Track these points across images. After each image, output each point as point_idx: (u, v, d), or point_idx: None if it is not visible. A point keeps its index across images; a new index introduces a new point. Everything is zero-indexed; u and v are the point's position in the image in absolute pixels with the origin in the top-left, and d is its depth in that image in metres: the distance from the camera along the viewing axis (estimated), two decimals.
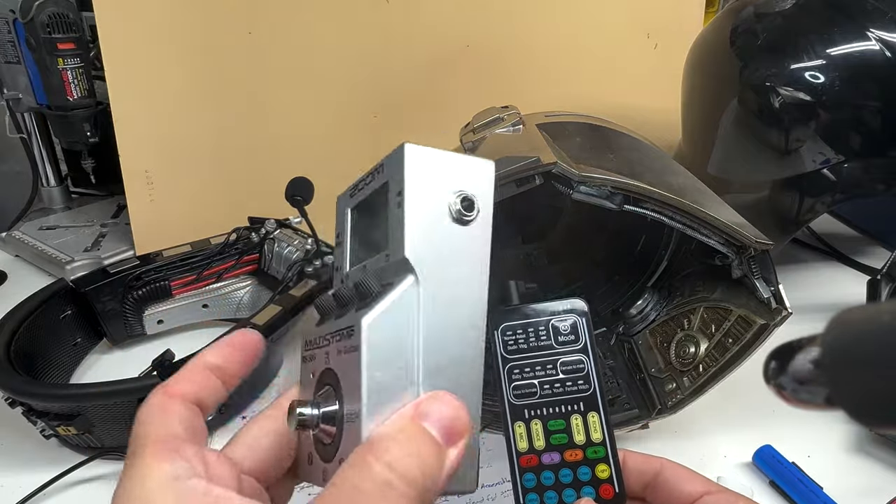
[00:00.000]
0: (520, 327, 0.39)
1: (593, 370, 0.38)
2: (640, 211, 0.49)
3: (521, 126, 0.55)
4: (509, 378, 0.39)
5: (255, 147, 0.85)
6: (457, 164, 0.26)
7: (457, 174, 0.26)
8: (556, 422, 0.37)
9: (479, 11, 0.87)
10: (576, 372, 0.38)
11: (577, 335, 0.39)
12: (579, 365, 0.38)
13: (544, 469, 0.36)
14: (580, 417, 0.37)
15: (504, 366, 0.39)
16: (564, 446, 0.36)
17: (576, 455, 0.36)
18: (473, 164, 0.26)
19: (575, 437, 0.37)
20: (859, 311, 0.24)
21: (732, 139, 0.73)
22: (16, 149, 0.92)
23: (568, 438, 0.37)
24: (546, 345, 0.39)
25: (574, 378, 0.38)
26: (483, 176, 0.26)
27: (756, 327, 0.51)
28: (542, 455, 0.36)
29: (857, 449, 0.55)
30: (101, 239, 0.88)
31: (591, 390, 0.38)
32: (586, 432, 0.37)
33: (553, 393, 0.38)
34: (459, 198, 0.25)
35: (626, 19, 0.93)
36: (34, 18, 0.76)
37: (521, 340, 0.39)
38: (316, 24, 0.82)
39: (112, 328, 0.66)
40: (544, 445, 0.37)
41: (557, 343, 0.39)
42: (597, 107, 0.79)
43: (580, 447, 0.36)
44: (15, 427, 0.54)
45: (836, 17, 0.66)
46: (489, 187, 0.26)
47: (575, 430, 0.37)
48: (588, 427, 0.37)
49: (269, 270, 0.71)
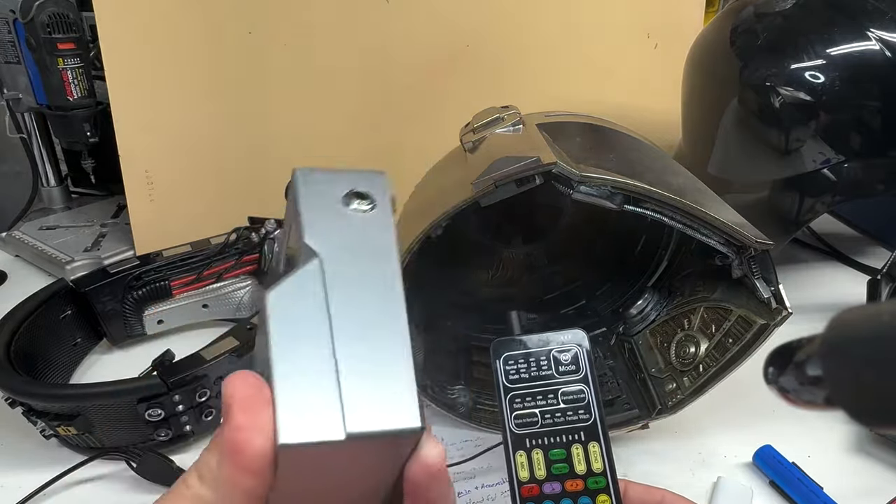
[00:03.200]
0: (521, 357, 0.40)
1: (594, 400, 0.39)
2: (640, 211, 0.49)
3: (521, 126, 0.55)
4: (511, 407, 0.39)
5: (255, 147, 0.85)
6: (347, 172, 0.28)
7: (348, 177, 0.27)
8: (557, 451, 0.37)
9: (479, 11, 0.87)
10: (577, 402, 0.39)
11: (577, 365, 0.40)
12: (580, 395, 0.39)
13: (545, 499, 0.36)
14: (581, 447, 0.37)
15: (506, 395, 0.39)
16: (565, 476, 0.37)
17: (577, 485, 0.36)
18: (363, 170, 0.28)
19: (576, 466, 0.37)
20: (859, 311, 0.24)
21: (732, 139, 0.73)
22: (16, 149, 0.92)
23: (569, 468, 0.37)
24: (547, 374, 0.39)
25: (575, 408, 0.38)
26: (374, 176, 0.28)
27: (756, 327, 0.51)
28: (543, 484, 0.37)
29: (857, 449, 0.55)
30: (101, 239, 0.88)
31: (591, 420, 0.38)
32: (587, 462, 0.37)
33: (554, 422, 0.38)
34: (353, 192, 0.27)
35: (626, 19, 0.93)
36: (34, 18, 0.76)
37: (522, 370, 0.40)
38: (316, 24, 0.82)
39: (112, 328, 0.66)
40: (545, 475, 0.37)
41: (558, 373, 0.39)
42: (597, 107, 0.79)
43: (581, 477, 0.37)
44: (15, 427, 0.54)
45: (836, 17, 0.66)
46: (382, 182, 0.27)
47: (576, 459, 0.37)
48: (589, 457, 0.37)
49: (270, 271, 0.71)
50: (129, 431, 0.52)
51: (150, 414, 0.51)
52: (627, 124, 0.65)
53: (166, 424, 0.52)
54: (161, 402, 0.51)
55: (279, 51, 0.82)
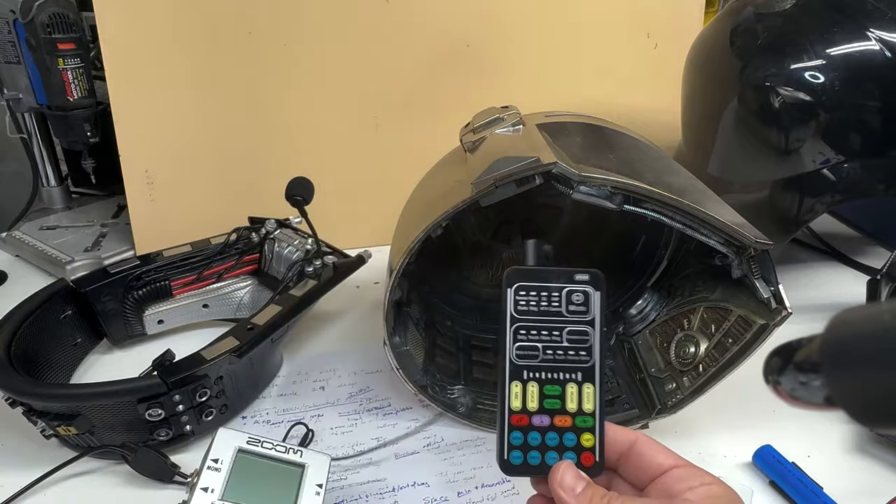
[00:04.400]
0: (533, 289, 0.39)
1: (597, 344, 0.39)
2: (640, 211, 0.49)
3: (521, 126, 0.55)
4: (514, 337, 0.39)
5: (255, 147, 0.85)
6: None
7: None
8: (552, 387, 0.38)
9: (479, 11, 0.87)
10: (580, 343, 0.39)
11: (587, 307, 0.39)
12: (585, 336, 0.39)
13: (533, 430, 0.37)
14: (576, 387, 0.38)
15: (512, 324, 0.39)
16: (556, 411, 0.38)
17: (565, 421, 0.37)
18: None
19: (568, 404, 0.38)
20: (859, 311, 0.24)
21: (732, 139, 0.73)
22: (16, 149, 0.92)
23: (561, 405, 0.38)
24: (556, 311, 0.39)
25: (577, 348, 0.38)
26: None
27: (756, 327, 0.51)
28: (532, 416, 0.38)
29: (857, 449, 0.55)
30: (101, 239, 0.88)
31: (591, 362, 0.38)
32: (579, 401, 0.38)
33: (555, 359, 0.38)
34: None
35: (626, 19, 0.93)
36: (34, 19, 0.76)
37: (532, 302, 0.39)
38: (316, 24, 0.82)
39: (112, 328, 0.66)
40: (537, 408, 0.38)
41: (568, 311, 0.39)
42: (597, 107, 0.80)
43: (571, 415, 0.38)
44: (15, 427, 0.54)
45: (836, 17, 0.66)
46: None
47: (569, 397, 0.38)
48: (582, 397, 0.38)
49: (270, 270, 0.71)
50: (129, 431, 0.52)
51: (151, 414, 0.51)
52: (627, 124, 0.65)
53: (166, 424, 0.52)
54: (161, 402, 0.51)
55: (279, 51, 0.82)
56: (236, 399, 0.58)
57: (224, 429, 0.46)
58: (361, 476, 0.53)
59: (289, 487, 0.44)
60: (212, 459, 0.43)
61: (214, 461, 0.43)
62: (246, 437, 0.45)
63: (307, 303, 0.62)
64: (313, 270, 0.65)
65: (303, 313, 0.62)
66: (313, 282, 0.64)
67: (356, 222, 0.87)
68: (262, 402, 0.61)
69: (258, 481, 0.43)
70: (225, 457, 0.44)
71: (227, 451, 0.44)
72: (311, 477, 0.45)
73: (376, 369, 0.65)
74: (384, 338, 0.54)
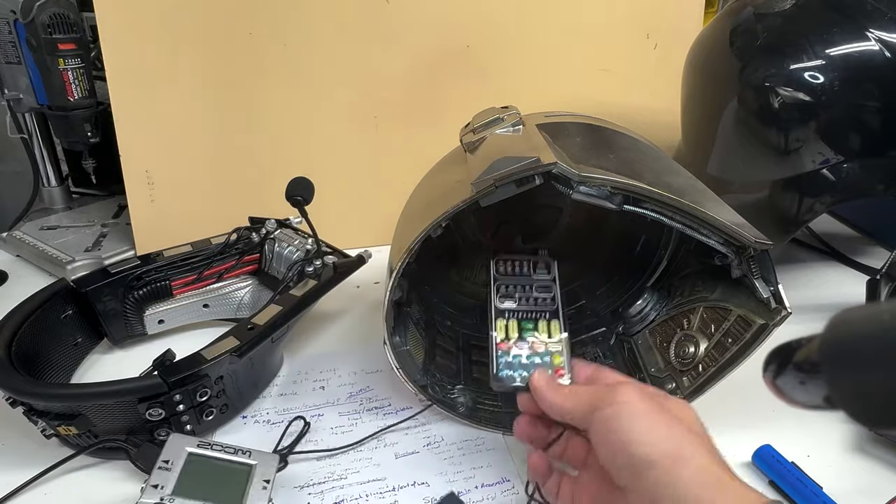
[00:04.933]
0: (508, 259, 0.59)
1: (558, 294, 0.55)
2: (640, 211, 0.49)
3: (521, 126, 0.55)
4: (497, 290, 0.55)
5: (255, 147, 0.85)
6: None
7: None
8: (527, 322, 0.52)
9: (479, 11, 0.87)
10: (545, 292, 0.55)
11: (549, 270, 0.58)
12: (548, 287, 0.56)
13: (515, 352, 0.49)
14: (546, 322, 0.52)
15: (495, 282, 0.56)
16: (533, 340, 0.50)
17: (540, 347, 0.49)
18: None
19: (540, 333, 0.51)
20: (858, 311, 0.24)
21: (732, 139, 0.73)
22: (16, 149, 0.93)
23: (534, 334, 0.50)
24: (526, 272, 0.58)
25: (544, 297, 0.55)
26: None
27: (755, 327, 0.51)
28: (515, 342, 0.50)
29: (857, 449, 0.55)
30: (101, 239, 0.88)
31: (555, 306, 0.54)
32: (549, 332, 0.51)
33: (528, 303, 0.54)
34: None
35: (626, 19, 0.93)
36: (35, 19, 0.76)
37: (509, 267, 0.58)
38: (316, 25, 0.82)
39: (113, 328, 0.66)
40: (517, 336, 0.50)
41: (535, 273, 0.58)
42: (597, 107, 0.80)
43: (544, 341, 0.50)
44: (16, 427, 0.55)
45: (836, 17, 0.66)
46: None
47: (542, 328, 0.51)
48: (551, 328, 0.51)
49: (270, 270, 0.71)
50: (129, 431, 0.52)
51: (151, 413, 0.51)
52: (627, 124, 0.65)
53: (167, 424, 0.52)
54: (161, 402, 0.51)
55: (279, 51, 0.82)
56: (237, 399, 0.58)
57: (175, 434, 0.49)
58: (361, 476, 0.53)
59: (237, 484, 0.46)
60: (163, 460, 0.46)
61: (165, 462, 0.46)
62: (197, 441, 0.48)
63: (307, 303, 0.62)
64: (313, 270, 0.65)
65: (303, 313, 0.62)
66: (313, 282, 0.64)
67: (356, 222, 0.87)
68: (262, 402, 0.61)
69: (207, 479, 0.46)
70: (176, 458, 0.46)
71: (178, 454, 0.47)
72: (259, 474, 0.48)
73: (376, 369, 0.65)
74: (384, 337, 0.54)
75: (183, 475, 0.45)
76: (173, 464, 0.45)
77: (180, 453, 0.46)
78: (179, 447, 0.47)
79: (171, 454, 0.46)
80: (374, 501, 0.51)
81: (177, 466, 0.45)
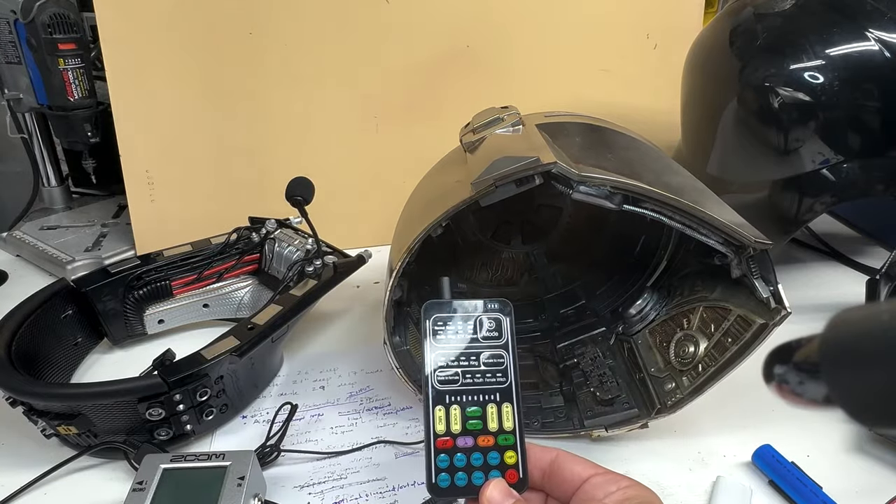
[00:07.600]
0: (449, 319, 0.42)
1: (511, 365, 0.41)
2: (640, 211, 0.49)
3: (520, 126, 0.55)
4: (435, 364, 0.41)
5: (255, 147, 0.85)
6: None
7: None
8: (473, 409, 0.40)
9: (479, 11, 0.87)
10: (496, 366, 0.41)
11: (500, 332, 0.42)
12: (500, 359, 0.41)
13: (458, 451, 0.38)
14: (496, 407, 0.40)
15: (432, 352, 0.41)
16: (479, 432, 0.39)
17: (488, 441, 0.39)
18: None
19: (489, 424, 0.39)
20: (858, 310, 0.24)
21: (732, 139, 0.73)
22: (17, 149, 0.93)
23: (482, 425, 0.39)
24: (472, 338, 0.41)
25: (494, 371, 0.41)
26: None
27: (755, 327, 0.51)
28: (457, 438, 0.39)
29: (857, 449, 0.55)
30: (101, 239, 0.88)
31: (507, 383, 0.40)
32: (499, 421, 0.39)
33: (474, 382, 0.40)
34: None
35: (626, 19, 0.93)
36: (35, 19, 0.76)
37: (449, 331, 0.42)
38: (316, 25, 0.83)
39: (113, 328, 0.66)
40: (460, 430, 0.39)
41: (482, 338, 0.42)
42: (597, 107, 0.80)
43: (493, 434, 0.39)
44: (16, 426, 0.55)
45: (836, 17, 0.66)
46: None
47: (490, 417, 0.39)
48: (501, 416, 0.40)
49: (270, 270, 0.72)
50: (129, 431, 0.52)
51: (151, 413, 0.51)
52: (627, 124, 0.65)
53: (167, 424, 0.52)
54: (161, 402, 0.51)
55: (279, 51, 0.82)
56: (237, 398, 0.58)
57: (149, 455, 0.49)
58: (361, 476, 0.53)
59: (212, 487, 0.46)
60: (136, 483, 0.46)
61: (139, 484, 0.46)
62: (170, 456, 0.48)
63: (307, 302, 0.62)
64: (313, 270, 0.65)
65: (303, 313, 0.62)
66: (313, 282, 0.64)
67: (356, 222, 0.87)
68: (262, 402, 0.61)
69: (182, 491, 0.46)
70: (150, 478, 0.46)
71: (151, 473, 0.47)
72: (234, 472, 0.47)
73: (376, 369, 0.65)
74: (384, 337, 0.54)
75: (157, 494, 0.45)
76: (147, 483, 0.46)
77: (154, 472, 0.47)
78: (153, 466, 0.47)
79: (145, 475, 0.46)
80: (374, 501, 0.51)
81: (151, 486, 0.46)
